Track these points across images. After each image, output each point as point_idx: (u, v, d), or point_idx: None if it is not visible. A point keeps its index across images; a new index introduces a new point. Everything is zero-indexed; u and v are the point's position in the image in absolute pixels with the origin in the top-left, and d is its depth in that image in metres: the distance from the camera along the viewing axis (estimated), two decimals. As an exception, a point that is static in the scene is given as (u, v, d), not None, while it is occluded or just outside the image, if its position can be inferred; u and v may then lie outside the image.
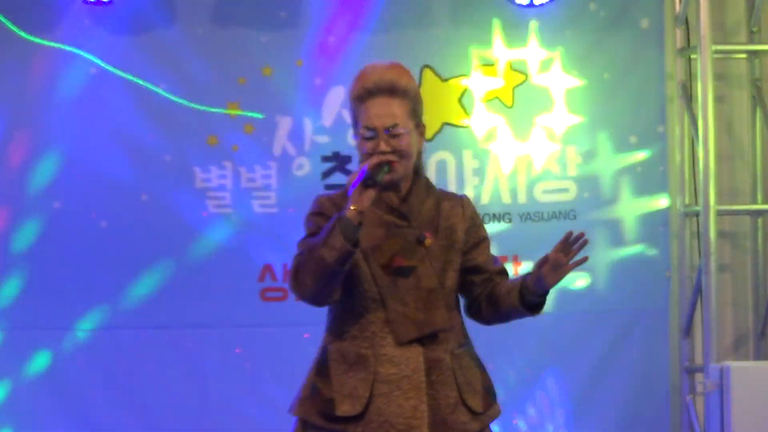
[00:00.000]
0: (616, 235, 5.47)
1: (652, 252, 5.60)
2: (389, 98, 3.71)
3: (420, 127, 3.82)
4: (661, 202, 5.65)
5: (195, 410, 5.29)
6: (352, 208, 3.49)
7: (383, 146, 3.62)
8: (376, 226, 3.68)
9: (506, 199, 5.49)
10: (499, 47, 5.47)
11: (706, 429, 5.35)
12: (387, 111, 3.69)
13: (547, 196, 5.50)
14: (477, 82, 5.47)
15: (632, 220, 5.58)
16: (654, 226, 5.64)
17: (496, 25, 5.49)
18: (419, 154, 3.71)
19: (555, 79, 5.55)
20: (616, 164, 5.59)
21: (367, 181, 3.53)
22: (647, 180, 5.59)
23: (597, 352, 5.51)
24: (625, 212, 5.59)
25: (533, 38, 5.53)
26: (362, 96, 3.80)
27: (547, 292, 3.67)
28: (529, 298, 3.68)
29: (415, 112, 3.74)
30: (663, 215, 5.66)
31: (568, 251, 3.57)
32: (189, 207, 5.27)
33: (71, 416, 5.26)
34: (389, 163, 3.60)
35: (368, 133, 3.71)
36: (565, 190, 5.49)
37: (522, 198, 5.50)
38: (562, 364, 5.54)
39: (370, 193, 3.55)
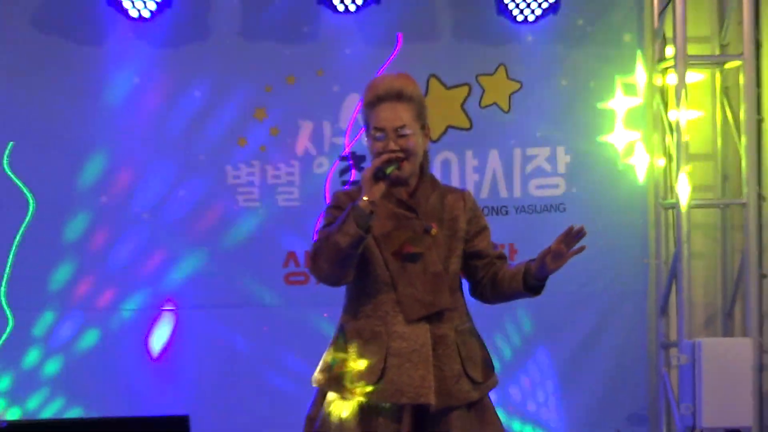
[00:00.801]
0: (600, 226, 5.41)
1: (633, 241, 5.70)
2: (397, 103, 3.77)
3: (425, 129, 3.85)
4: (641, 196, 5.76)
5: (226, 382, 5.40)
6: (364, 198, 3.60)
7: (392, 145, 3.68)
8: (388, 218, 3.76)
9: (503, 193, 5.60)
10: (497, 59, 5.58)
11: (680, 398, 5.46)
12: (395, 114, 3.75)
13: (540, 191, 5.61)
14: (477, 90, 5.58)
15: (615, 213, 5.65)
16: (634, 218, 5.73)
17: (494, 37, 5.55)
18: (425, 153, 3.79)
19: (547, 86, 5.64)
20: (600, 163, 5.67)
21: (378, 174, 3.57)
22: (628, 177, 5.68)
23: (583, 329, 5.61)
24: (608, 206, 5.67)
25: (529, 51, 5.63)
26: (373, 102, 3.84)
27: (547, 277, 3.74)
28: (532, 282, 3.75)
29: (421, 115, 3.77)
30: (642, 208, 5.76)
31: (570, 242, 3.64)
32: (221, 201, 5.39)
33: (117, 388, 5.35)
34: (397, 159, 3.66)
35: (378, 134, 3.76)
36: (555, 186, 5.60)
37: (517, 193, 5.60)
38: (552, 340, 5.65)
39: (381, 186, 3.62)
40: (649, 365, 5.76)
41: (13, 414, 5.27)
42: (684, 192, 5.49)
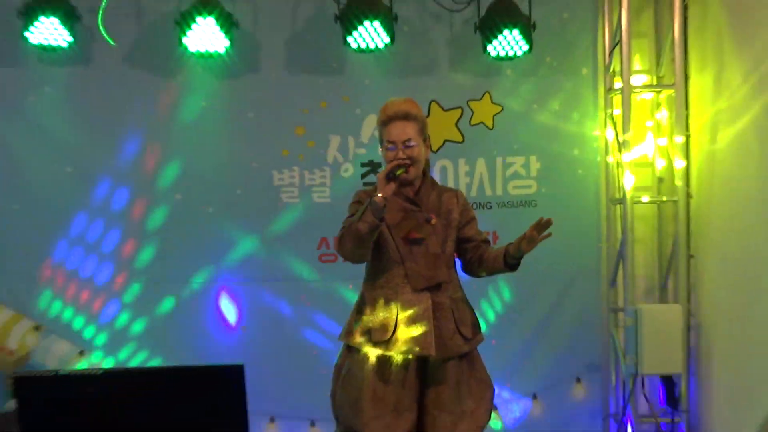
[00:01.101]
0: (564, 218, 5.55)
1: (589, 229, 6.20)
2: (404, 122, 4.38)
3: (427, 141, 4.45)
4: (595, 195, 6.25)
5: (272, 340, 5.91)
6: (379, 195, 4.16)
7: (401, 154, 4.31)
8: (398, 211, 4.39)
9: (488, 192, 6.12)
10: (483, 88, 6.07)
11: (625, 351, 5.96)
12: (403, 131, 4.37)
13: (516, 191, 6.12)
14: (468, 112, 6.03)
15: (575, 208, 6.15)
16: (590, 212, 6.22)
17: (481, 71, 6.04)
18: (427, 161, 4.47)
19: (522, 109, 6.10)
20: (564, 168, 6.17)
21: (390, 176, 4.14)
22: (586, 179, 6.18)
23: (551, 298, 6.15)
24: (570, 202, 6.15)
25: (508, 81, 6.10)
26: (386, 121, 4.41)
27: (522, 257, 4.37)
28: (511, 260, 4.38)
29: (423, 131, 4.39)
30: (596, 204, 6.26)
31: (540, 230, 4.26)
32: (269, 198, 5.91)
33: (188, 343, 5.88)
34: (405, 165, 4.24)
35: (390, 146, 4.36)
36: (529, 187, 6.11)
37: (499, 191, 6.10)
38: (525, 307, 6.14)
39: (392, 185, 4.19)
40: (601, 326, 6.24)
41: (107, 363, 5.82)
42: (629, 191, 5.93)
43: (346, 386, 4.51)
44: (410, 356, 4.36)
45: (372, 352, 4.39)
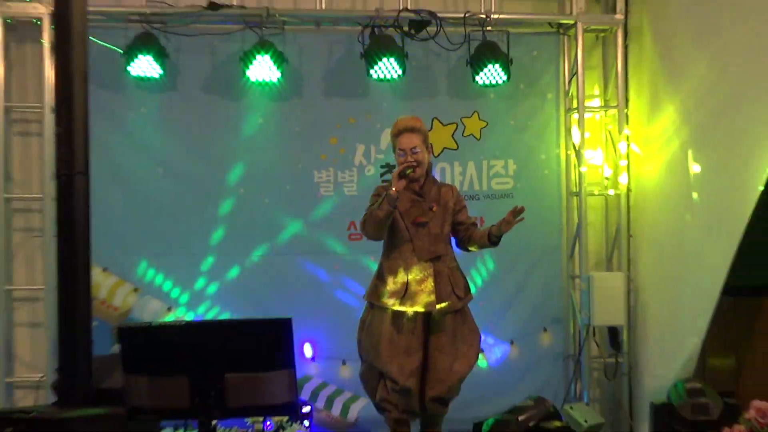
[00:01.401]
0: (534, 207, 5.97)
1: (553, 216, 6.69)
2: (411, 134, 4.96)
3: (429, 148, 5.00)
4: (558, 189, 6.71)
5: (312, 299, 6.35)
6: (393, 189, 4.74)
7: (409, 158, 4.88)
8: (408, 201, 4.96)
9: (476, 187, 6.59)
10: (473, 107, 6.54)
11: (580, 308, 6.52)
12: (410, 141, 4.93)
13: (498, 186, 6.62)
14: (461, 126, 6.54)
15: (542, 199, 6.63)
16: (554, 202, 6.72)
17: (471, 95, 6.52)
18: (429, 164, 5.04)
19: (503, 124, 6.60)
20: (533, 169, 6.68)
21: (401, 175, 4.75)
22: (551, 177, 6.70)
23: (524, 268, 6.63)
24: (538, 194, 6.64)
25: (492, 103, 6.55)
26: (397, 134, 4.98)
27: (502, 235, 4.96)
28: (493, 238, 4.96)
29: (425, 141, 4.93)
30: (558, 196, 6.73)
31: (515, 215, 4.85)
32: (310, 192, 6.41)
33: (251, 303, 6.31)
34: (412, 166, 4.84)
35: (401, 152, 4.93)
36: (507, 183, 6.63)
37: (485, 187, 6.60)
38: (505, 274, 6.61)
39: (403, 182, 4.79)
40: (563, 289, 6.76)
41: (188, 317, 6.30)
42: (583, 186, 6.49)
43: (368, 334, 4.99)
44: (417, 311, 4.94)
45: (389, 309, 4.94)
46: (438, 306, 4.92)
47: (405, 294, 4.93)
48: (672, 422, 5.32)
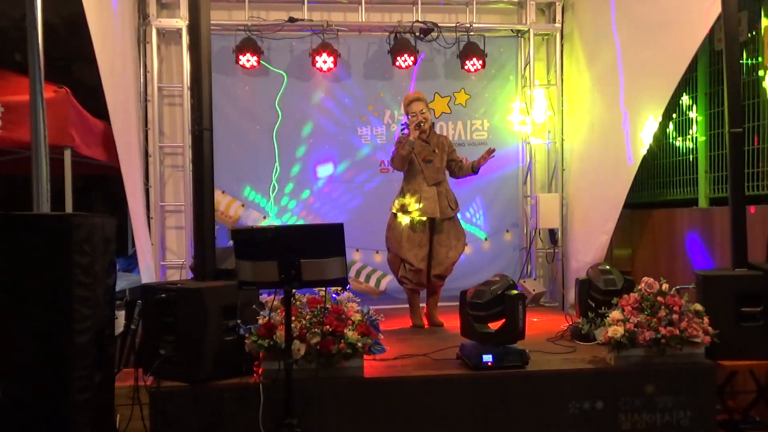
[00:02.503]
0: (500, 150, 6.59)
1: (513, 156, 7.30)
2: (419, 102, 5.76)
3: (430, 112, 5.76)
4: (516, 139, 7.24)
5: (358, 216, 6.97)
6: (411, 137, 5.60)
7: (419, 118, 5.66)
8: (419, 146, 5.70)
9: (463, 137, 7.26)
10: (460, 85, 7.19)
11: (530, 216, 7.04)
12: (418, 106, 5.74)
13: (476, 136, 7.32)
14: (454, 98, 7.21)
15: (506, 145, 7.24)
16: (514, 148, 7.22)
17: (460, 77, 7.14)
18: (432, 123, 5.87)
19: (481, 97, 7.24)
20: (501, 126, 7.31)
21: (416, 126, 5.60)
22: (511, 131, 7.22)
23: (492, 191, 7.26)
24: (503, 143, 7.21)
25: (473, 82, 7.20)
26: (408, 103, 5.80)
27: (480, 167, 5.66)
28: (474, 169, 5.72)
29: (427, 106, 5.77)
30: (516, 143, 7.25)
31: (488, 155, 5.64)
32: (354, 141, 7.16)
33: (317, 214, 6.97)
34: (421, 122, 5.62)
35: (412, 114, 5.71)
36: (483, 135, 7.31)
37: (468, 137, 7.29)
38: (481, 195, 7.27)
39: (416, 132, 5.60)
40: (519, 204, 7.39)
41: (277, 222, 6.86)
42: (532, 136, 7.22)
43: (393, 233, 5.78)
44: (426, 218, 5.66)
45: (408, 217, 5.69)
46: (439, 214, 5.74)
47: (418, 206, 5.72)
48: (590, 291, 5.41)
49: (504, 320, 4.60)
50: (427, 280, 5.84)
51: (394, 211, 5.83)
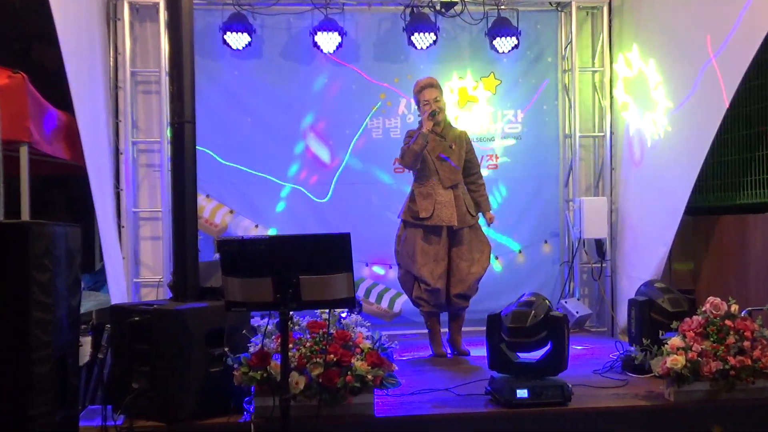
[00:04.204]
0: (537, 146, 7.20)
1: (553, 153, 7.39)
2: (432, 88, 5.83)
3: (444, 100, 5.78)
4: (556, 132, 7.35)
5: (366, 216, 7.11)
6: (425, 129, 5.66)
7: (433, 106, 5.72)
8: (433, 141, 5.75)
9: (492, 130, 7.32)
10: (489, 69, 7.29)
11: (573, 225, 7.18)
12: (431, 93, 5.81)
13: (509, 129, 7.39)
14: (471, 84, 7.32)
15: (544, 140, 7.35)
16: (553, 142, 7.38)
17: (489, 59, 7.25)
18: (445, 113, 5.91)
19: (513, 82, 7.37)
20: (537, 117, 7.35)
21: (430, 117, 5.66)
22: (551, 123, 7.37)
23: (530, 193, 7.37)
24: (541, 137, 7.31)
25: (504, 65, 7.31)
26: (419, 90, 5.89)
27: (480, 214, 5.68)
28: (478, 210, 5.75)
29: (441, 93, 5.86)
30: (557, 137, 7.37)
31: (490, 221, 5.82)
32: (365, 133, 7.25)
33: (320, 221, 7.02)
34: (436, 111, 5.69)
35: (426, 103, 5.78)
36: (516, 127, 7.44)
37: (499, 130, 7.35)
38: (515, 198, 7.34)
39: (430, 123, 5.68)
40: (560, 210, 7.48)
41: (272, 231, 6.97)
42: (576, 130, 7.28)
43: (405, 247, 5.82)
44: (442, 226, 5.69)
45: (420, 226, 5.74)
46: (457, 223, 5.76)
47: (433, 213, 5.76)
48: (651, 314, 5.39)
49: (546, 348, 4.61)
50: (448, 302, 5.86)
51: (404, 219, 5.86)
